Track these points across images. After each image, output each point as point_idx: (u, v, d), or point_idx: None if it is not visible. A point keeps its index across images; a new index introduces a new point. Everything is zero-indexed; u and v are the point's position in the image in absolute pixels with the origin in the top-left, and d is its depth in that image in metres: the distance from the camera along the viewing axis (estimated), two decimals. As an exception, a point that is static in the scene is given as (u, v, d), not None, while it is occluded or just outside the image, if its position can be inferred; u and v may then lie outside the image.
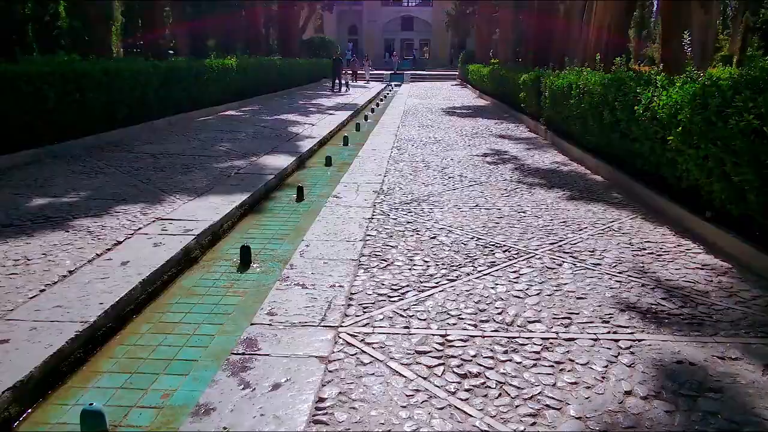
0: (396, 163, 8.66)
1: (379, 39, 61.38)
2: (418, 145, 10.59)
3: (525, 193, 6.76)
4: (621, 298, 3.72)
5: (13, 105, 7.91)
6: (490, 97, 20.64)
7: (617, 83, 6.79)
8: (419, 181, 7.38)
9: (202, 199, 6.26)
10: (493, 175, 7.82)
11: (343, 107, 18.52)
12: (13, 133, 7.98)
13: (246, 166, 8.24)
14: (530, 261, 4.45)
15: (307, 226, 5.66)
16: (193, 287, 4.38)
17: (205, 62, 14.56)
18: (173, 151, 9.23)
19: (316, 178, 8.37)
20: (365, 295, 3.83)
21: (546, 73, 11.10)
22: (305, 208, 6.74)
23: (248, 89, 18.35)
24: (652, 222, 5.47)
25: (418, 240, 4.99)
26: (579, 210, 5.96)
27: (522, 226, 5.39)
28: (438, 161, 8.85)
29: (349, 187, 7.08)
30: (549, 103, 10.45)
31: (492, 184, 7.21)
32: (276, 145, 10.29)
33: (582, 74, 8.94)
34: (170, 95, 12.53)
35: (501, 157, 9.31)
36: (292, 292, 3.88)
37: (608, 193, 6.70)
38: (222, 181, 7.19)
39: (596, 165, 7.91)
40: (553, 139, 10.57)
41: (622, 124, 6.52)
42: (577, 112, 8.52)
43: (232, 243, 5.40)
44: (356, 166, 8.48)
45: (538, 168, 8.34)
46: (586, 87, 8.03)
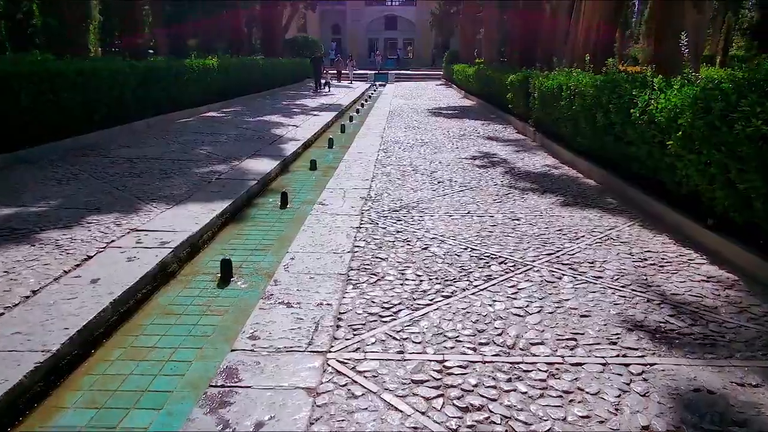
0: (383, 167, 8.41)
1: (362, 38, 61.05)
2: (405, 147, 10.35)
3: (517, 198, 6.55)
4: (627, 315, 3.51)
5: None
6: (476, 97, 20.47)
7: (611, 85, 6.60)
8: (408, 186, 7.14)
9: (180, 207, 5.95)
10: (483, 179, 7.60)
11: (327, 108, 18.22)
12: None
13: (227, 171, 7.93)
14: (528, 274, 4.22)
15: (292, 235, 5.39)
16: (170, 306, 4.08)
17: (185, 62, 14.16)
18: (151, 155, 8.88)
19: (300, 184, 8.09)
20: (355, 314, 3.57)
21: (534, 73, 10.92)
22: (290, 215, 6.46)
23: (230, 90, 17.97)
24: (650, 230, 5.28)
25: (409, 251, 4.74)
26: (574, 217, 5.75)
27: (517, 235, 5.17)
28: (426, 165, 8.62)
29: (335, 193, 6.81)
30: (538, 105, 10.27)
31: (483, 189, 6.99)
32: (259, 148, 9.98)
33: (572, 75, 8.76)
34: (149, 96, 12.14)
35: (490, 159, 9.10)
36: (277, 311, 3.60)
37: (603, 199, 6.51)
38: (202, 187, 6.88)
39: (588, 168, 7.73)
40: (543, 141, 10.40)
41: (616, 127, 6.33)
42: (568, 114, 8.33)
43: (213, 255, 5.10)
44: (342, 170, 8.21)
45: (529, 171, 8.14)
46: (578, 88, 7.84)
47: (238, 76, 18.65)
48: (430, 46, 59.40)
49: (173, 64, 13.62)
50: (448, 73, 33.65)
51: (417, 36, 60.87)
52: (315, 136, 12.31)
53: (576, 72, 9.10)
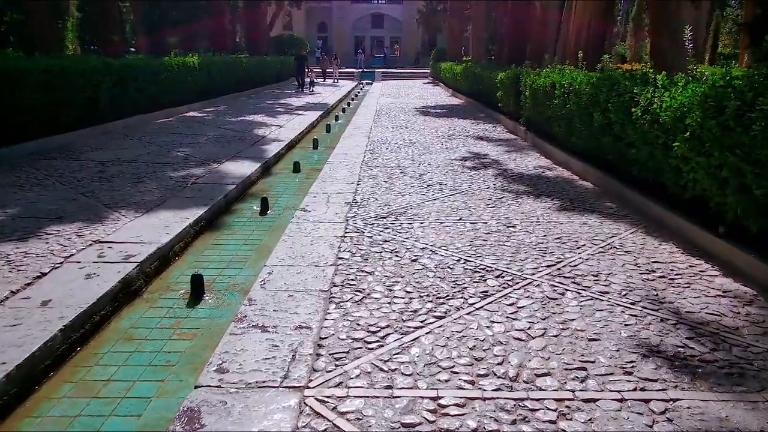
0: (369, 169, 8.02)
1: (349, 36, 60.57)
2: (393, 148, 9.97)
3: (511, 203, 6.19)
4: (640, 338, 3.15)
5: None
6: (464, 95, 20.15)
7: (609, 82, 6.26)
8: (395, 190, 6.75)
9: (151, 215, 5.51)
10: (474, 182, 7.24)
11: (312, 107, 17.79)
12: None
13: (205, 174, 7.49)
14: (528, 289, 3.86)
15: (271, 245, 4.99)
16: (132, 329, 3.67)
17: (164, 60, 13.66)
18: (125, 157, 8.41)
19: (282, 187, 7.67)
20: (337, 340, 3.18)
21: (525, 71, 10.59)
22: (269, 222, 6.05)
23: (213, 89, 17.47)
24: (655, 237, 4.94)
25: (397, 264, 4.35)
26: (573, 223, 5.40)
27: (513, 244, 4.81)
28: (415, 167, 8.24)
29: (318, 198, 6.42)
30: (529, 103, 9.93)
31: (475, 193, 6.63)
32: (240, 149, 9.54)
33: (566, 72, 8.44)
34: (125, 96, 11.65)
35: (481, 161, 8.75)
36: (250, 337, 3.20)
37: (601, 202, 6.18)
38: (177, 192, 6.45)
39: (584, 169, 7.40)
40: (534, 140, 10.07)
41: (615, 127, 6.00)
42: (562, 113, 8.00)
43: (184, 268, 4.69)
44: (326, 172, 7.81)
45: (521, 173, 7.80)
46: (572, 86, 7.51)
47: (220, 74, 18.14)
48: (416, 44, 59.08)
49: (151, 62, 13.12)
50: (435, 72, 33.32)
51: (404, 34, 60.54)
52: (299, 136, 11.89)
53: (569, 69, 8.78)
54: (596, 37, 10.28)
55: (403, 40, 61.65)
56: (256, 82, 23.30)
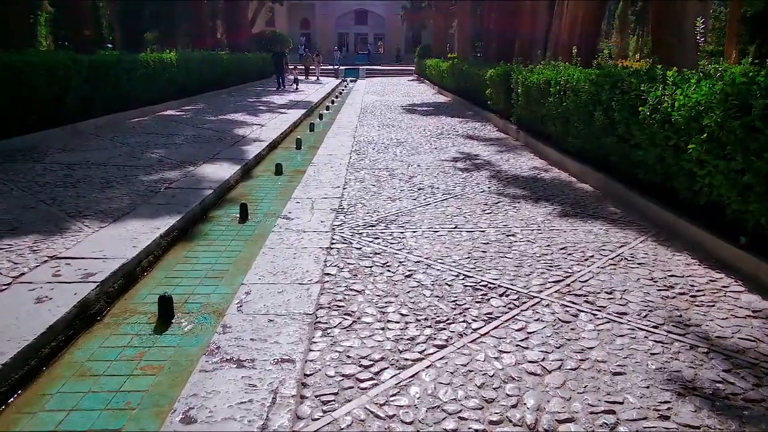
0: (356, 171, 7.58)
1: (332, 33, 59.93)
2: (380, 148, 9.54)
3: (509, 208, 5.80)
4: (671, 371, 2.77)
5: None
6: (451, 93, 19.77)
7: (611, 80, 5.89)
8: (384, 195, 6.33)
9: (118, 225, 5.02)
10: (468, 185, 6.83)
11: (295, 105, 17.28)
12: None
13: (180, 178, 6.99)
14: (536, 310, 3.46)
15: (251, 258, 4.55)
16: (89, 362, 3.20)
17: (139, 57, 13.06)
18: (95, 160, 7.87)
19: (263, 191, 7.20)
20: (325, 377, 2.75)
21: (516, 68, 10.21)
22: (249, 231, 5.59)
23: (191, 86, 16.87)
24: (667, 247, 4.58)
25: (389, 280, 3.93)
26: (577, 231, 5.02)
27: (515, 255, 4.41)
28: (403, 168, 7.82)
29: (302, 203, 5.97)
30: (522, 101, 9.56)
31: (469, 197, 6.22)
32: (218, 150, 9.04)
33: (561, 69, 8.07)
34: (97, 94, 11.06)
35: (473, 162, 8.35)
36: (223, 374, 2.76)
37: (604, 207, 5.81)
38: (148, 199, 5.96)
39: (582, 171, 7.04)
40: (527, 140, 9.70)
41: (619, 127, 5.62)
42: (558, 111, 7.63)
43: (153, 286, 4.22)
44: (310, 175, 7.35)
45: (516, 175, 7.41)
46: (569, 84, 7.14)
47: (199, 71, 17.54)
48: (400, 41, 58.68)
49: (125, 58, 12.51)
50: (420, 69, 32.92)
51: (387, 31, 60.08)
52: (281, 136, 11.40)
53: (563, 66, 8.42)
54: (589, 32, 9.95)
55: (387, 37, 61.19)
56: (237, 80, 22.69)
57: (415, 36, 54.31)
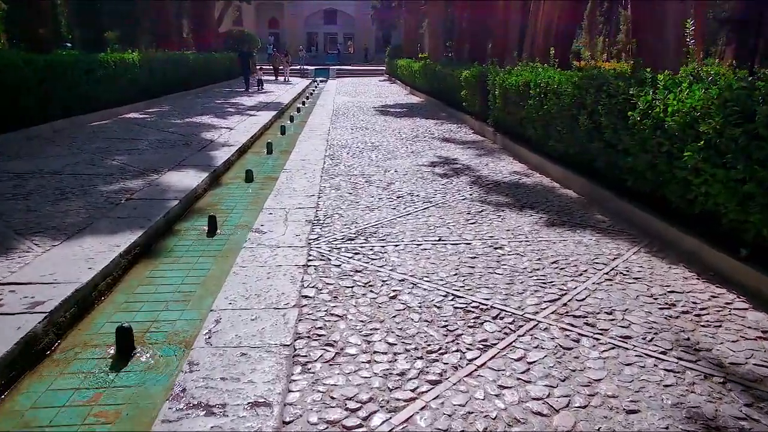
0: (331, 178, 7.24)
1: (301, 33, 59.25)
2: (354, 152, 9.21)
3: (493, 217, 5.54)
4: (689, 407, 2.52)
5: None
6: (423, 94, 19.53)
7: (597, 82, 5.69)
8: (362, 204, 6.01)
9: (72, 243, 4.59)
10: (448, 191, 6.56)
11: (265, 107, 16.80)
12: None
13: (143, 187, 6.55)
14: (535, 335, 3.19)
15: (221, 277, 4.20)
16: (31, 410, 2.80)
17: (99, 56, 12.44)
18: (49, 168, 7.35)
19: (233, 201, 6.80)
20: (306, 424, 2.42)
21: (493, 69, 10.00)
22: (219, 246, 5.20)
23: (156, 87, 16.25)
24: (661, 258, 4.37)
25: (373, 303, 3.62)
26: (567, 242, 4.79)
27: (505, 271, 4.14)
28: (380, 174, 7.51)
29: (275, 214, 5.61)
30: (499, 104, 9.35)
31: (451, 206, 5.95)
32: (185, 156, 8.58)
33: (541, 71, 7.88)
34: (54, 96, 10.45)
35: (452, 166, 8.09)
36: (190, 424, 2.41)
37: (591, 215, 5.60)
38: (107, 212, 5.51)
39: (564, 176, 6.84)
40: (504, 142, 9.50)
41: (606, 132, 5.42)
42: (539, 114, 7.43)
43: (111, 313, 3.82)
44: (283, 182, 6.98)
45: (497, 181, 7.17)
46: (550, 86, 6.93)
47: (164, 72, 16.91)
48: (371, 40, 58.40)
49: (84, 58, 11.89)
50: (391, 69, 32.65)
51: (357, 30, 59.70)
52: (252, 139, 10.96)
53: (542, 67, 8.24)
54: (565, 33, 9.81)
55: (356, 37, 60.79)
56: (204, 80, 22.05)
57: (385, 36, 54.07)
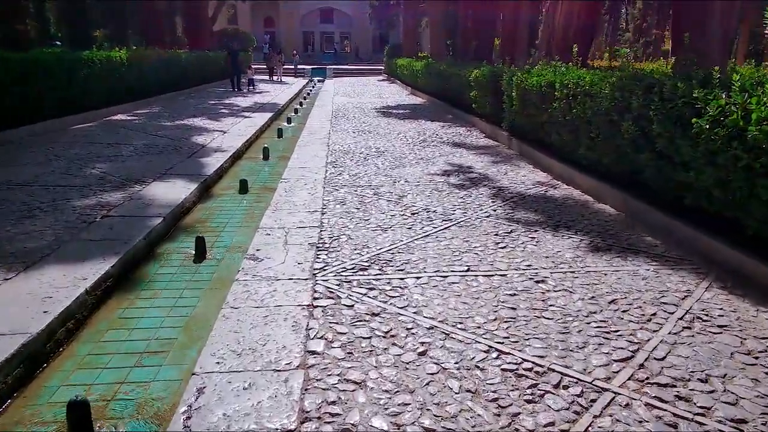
0: (335, 190, 6.49)
1: (297, 32, 58.49)
2: (358, 159, 8.45)
3: (526, 239, 4.79)
4: None
5: None
6: (425, 94, 18.78)
7: (645, 83, 4.94)
8: (372, 222, 5.26)
9: (30, 275, 3.82)
10: (469, 207, 5.81)
11: (261, 108, 16.02)
12: None
13: (123, 201, 5.78)
14: (615, 417, 2.44)
15: (207, 319, 3.48)
16: None
17: (83, 55, 11.63)
18: (19, 178, 6.56)
19: (225, 216, 6.02)
20: None
21: (508, 69, 9.25)
22: (207, 274, 4.44)
23: (147, 88, 15.45)
24: (742, 298, 3.62)
25: (398, 362, 2.86)
26: (620, 273, 4.04)
27: (555, 315, 3.39)
28: (389, 185, 6.75)
29: (272, 235, 4.85)
30: (516, 106, 8.60)
31: (474, 225, 5.20)
32: (173, 164, 7.80)
33: (566, 71, 7.14)
34: (33, 97, 9.65)
35: (467, 175, 7.34)
36: None
37: (639, 237, 4.84)
38: (79, 232, 4.74)
39: (597, 188, 6.10)
40: (521, 148, 8.75)
41: (659, 141, 4.67)
42: (565, 119, 6.68)
43: (68, 372, 3.06)
44: (281, 195, 6.23)
45: (521, 193, 6.42)
46: (581, 87, 6.19)
47: (154, 71, 16.10)
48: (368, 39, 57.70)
49: (65, 56, 11.08)
50: (390, 68, 31.90)
51: (354, 29, 58.98)
52: (246, 144, 10.19)
53: (566, 67, 7.50)
54: (587, 27, 9.09)
55: (353, 36, 60.07)
56: (197, 80, 21.23)
57: (382, 35, 53.30)
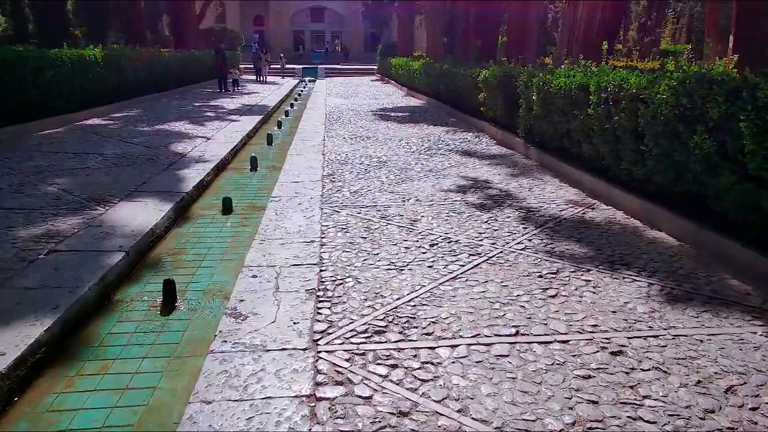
0: (335, 212, 5.49)
1: (287, 31, 57.41)
2: (359, 170, 7.46)
3: (579, 284, 3.82)
4: None
5: None
6: (424, 95, 17.80)
7: (728, 87, 3.98)
8: (384, 257, 4.27)
9: (-72, 351, 2.79)
10: (498, 235, 4.83)
11: (249, 110, 14.96)
12: None
13: (79, 229, 4.75)
14: None
15: (170, 412, 2.47)
16: None
17: (50, 53, 10.52)
18: (-42, 199, 5.52)
19: (204, 246, 4.99)
20: None
21: (526, 68, 8.30)
22: (176, 333, 3.43)
23: (126, 89, 14.36)
24: None
25: None
26: (721, 340, 3.07)
27: (656, 414, 2.42)
28: (398, 205, 5.77)
29: (261, 277, 3.85)
30: (537, 111, 7.63)
31: (509, 261, 4.22)
32: (146, 177, 6.77)
33: (600, 71, 6.19)
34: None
35: (486, 192, 6.36)
36: None
37: (722, 281, 3.87)
38: (11, 276, 3.73)
39: (646, 211, 5.15)
40: (542, 158, 7.80)
41: (752, 161, 3.71)
42: (603, 127, 5.73)
43: None
44: (272, 219, 5.22)
45: (555, 216, 5.45)
46: (627, 91, 5.23)
47: (134, 71, 14.99)
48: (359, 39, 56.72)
49: (30, 55, 9.98)
50: (384, 68, 30.88)
51: (345, 28, 57.98)
52: (232, 152, 9.15)
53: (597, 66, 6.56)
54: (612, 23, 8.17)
55: (344, 35, 59.06)
56: (182, 80, 20.11)
57: (374, 34, 52.32)
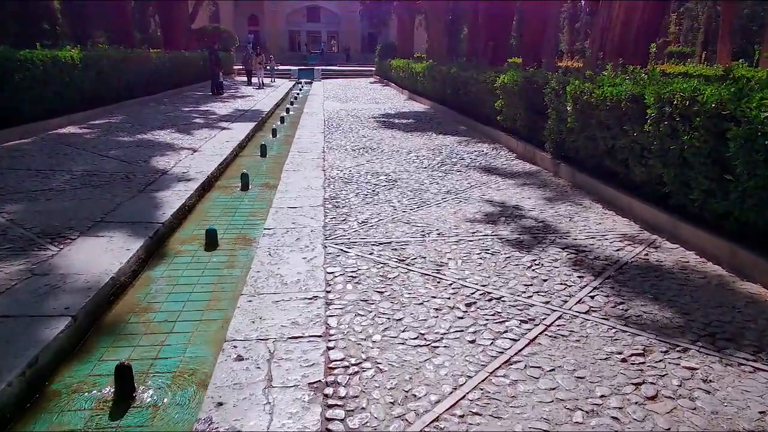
0: (341, 252, 4.48)
1: (282, 31, 56.35)
2: (365, 192, 6.45)
3: (681, 374, 2.81)
4: None
5: None
6: (428, 100, 16.80)
7: None
8: (409, 326, 3.26)
9: None
10: (550, 290, 3.82)
11: (241, 116, 13.92)
12: None
13: (16, 281, 3.72)
14: None
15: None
16: None
17: (18, 54, 9.46)
18: None
19: (178, 302, 3.94)
20: None
21: (557, 75, 7.31)
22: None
23: (107, 93, 13.32)
24: None
25: None
26: None
27: None
28: (417, 240, 4.76)
29: (249, 360, 2.85)
30: (571, 123, 6.63)
31: (576, 333, 3.21)
32: (117, 202, 5.74)
33: (651, 78, 5.21)
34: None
35: (520, 223, 5.35)
36: None
37: None
38: None
39: (729, 253, 4.17)
40: (576, 178, 6.79)
41: None
42: (664, 146, 4.74)
43: None
44: (264, 261, 4.20)
45: (613, 258, 4.43)
46: (703, 105, 4.24)
47: (117, 74, 13.93)
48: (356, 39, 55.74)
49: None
50: (383, 70, 29.86)
51: (341, 29, 57.01)
52: (221, 166, 8.11)
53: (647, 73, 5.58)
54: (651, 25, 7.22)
55: (340, 35, 58.07)
56: (171, 83, 19.05)
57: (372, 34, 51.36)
